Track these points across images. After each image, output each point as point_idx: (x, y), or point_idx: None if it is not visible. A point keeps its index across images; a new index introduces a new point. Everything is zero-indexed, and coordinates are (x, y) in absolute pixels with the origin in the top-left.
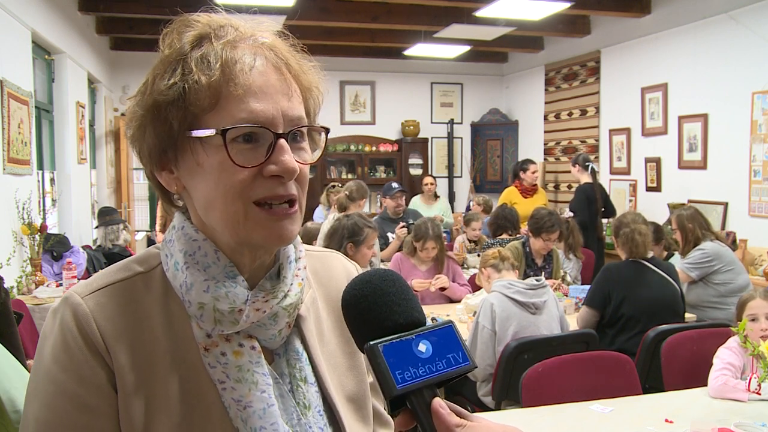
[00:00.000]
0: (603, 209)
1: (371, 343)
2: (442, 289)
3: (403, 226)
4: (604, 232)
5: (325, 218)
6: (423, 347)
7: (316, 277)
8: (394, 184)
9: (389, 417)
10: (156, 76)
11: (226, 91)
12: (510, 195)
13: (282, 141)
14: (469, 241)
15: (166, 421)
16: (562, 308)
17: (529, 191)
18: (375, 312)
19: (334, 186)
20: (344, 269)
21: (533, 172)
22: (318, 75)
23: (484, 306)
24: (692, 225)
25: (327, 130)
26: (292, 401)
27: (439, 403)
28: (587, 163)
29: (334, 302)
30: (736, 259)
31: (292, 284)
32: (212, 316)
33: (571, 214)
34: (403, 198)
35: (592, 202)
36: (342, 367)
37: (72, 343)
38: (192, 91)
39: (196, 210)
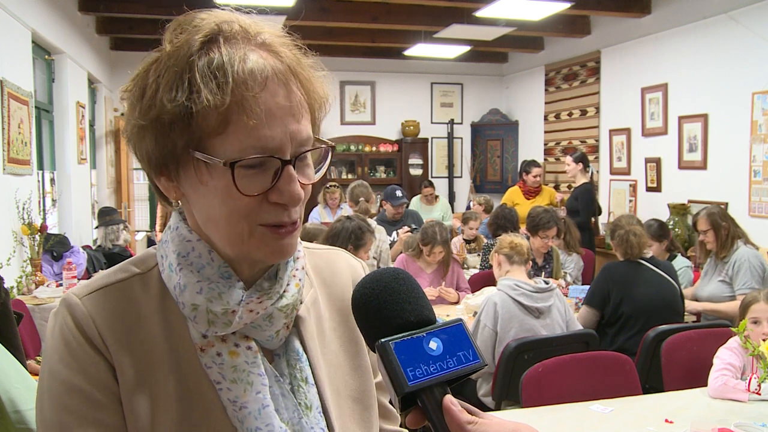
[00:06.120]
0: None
1: (382, 340)
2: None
3: (408, 231)
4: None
5: (319, 218)
6: (434, 345)
7: (319, 275)
8: (398, 193)
9: (393, 409)
10: (159, 84)
11: (236, 119)
12: (513, 195)
13: (289, 168)
14: (466, 241)
15: (166, 419)
16: (572, 312)
17: (532, 192)
18: (386, 310)
19: (329, 186)
20: (349, 267)
21: (535, 176)
22: (327, 85)
23: (488, 305)
24: (726, 223)
25: (333, 148)
26: (294, 401)
27: (451, 400)
28: (580, 162)
29: (337, 301)
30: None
31: (288, 285)
32: (205, 317)
33: (563, 212)
34: (404, 206)
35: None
36: (346, 367)
37: (74, 343)
38: (200, 115)
39: (193, 215)
